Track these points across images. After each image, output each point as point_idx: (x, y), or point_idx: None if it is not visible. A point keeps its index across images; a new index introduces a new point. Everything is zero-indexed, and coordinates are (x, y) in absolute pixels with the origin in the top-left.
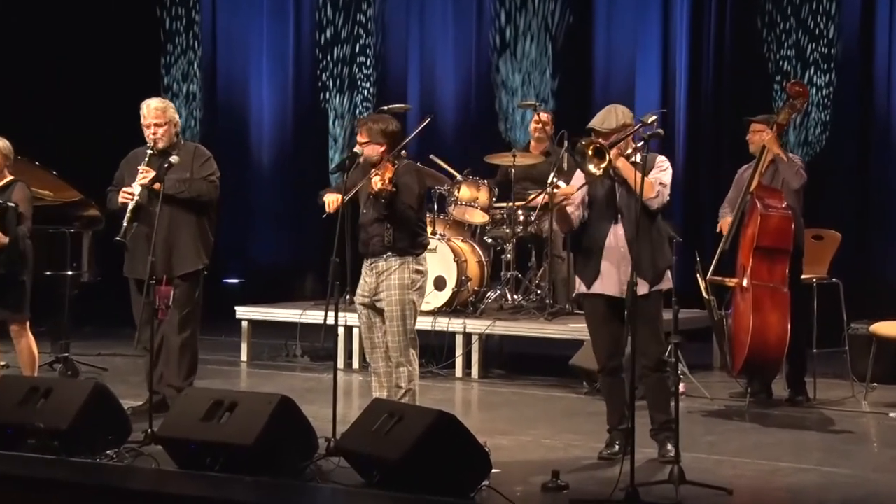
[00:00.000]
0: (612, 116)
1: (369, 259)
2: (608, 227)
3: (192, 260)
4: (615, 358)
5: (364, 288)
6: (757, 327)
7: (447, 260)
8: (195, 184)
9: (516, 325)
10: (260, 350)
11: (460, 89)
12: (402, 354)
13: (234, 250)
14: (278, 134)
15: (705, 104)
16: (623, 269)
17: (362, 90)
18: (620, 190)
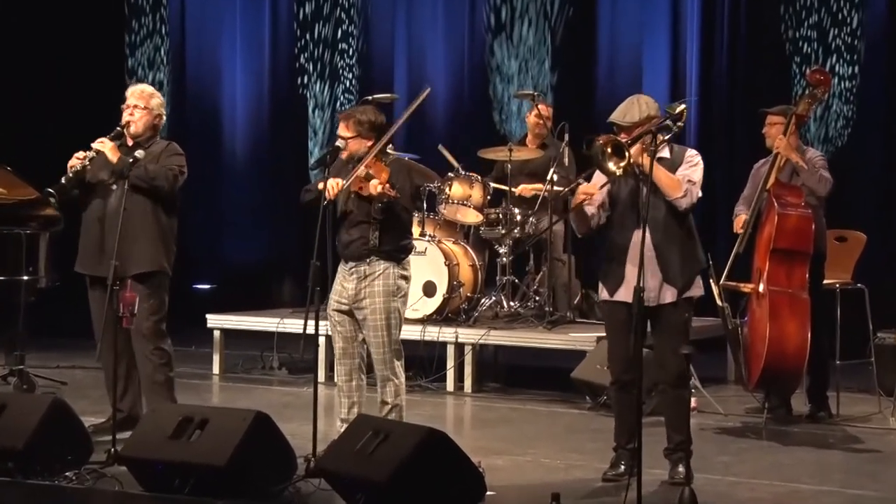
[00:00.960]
0: (634, 109)
1: (349, 262)
2: (632, 229)
3: (147, 259)
4: (631, 371)
5: (342, 294)
6: (774, 337)
7: (437, 263)
8: (150, 167)
9: (513, 335)
10: (233, 362)
11: (452, 76)
12: (388, 367)
13: (205, 252)
14: (253, 125)
15: (718, 95)
16: (649, 276)
17: (344, 80)
18: (646, 189)
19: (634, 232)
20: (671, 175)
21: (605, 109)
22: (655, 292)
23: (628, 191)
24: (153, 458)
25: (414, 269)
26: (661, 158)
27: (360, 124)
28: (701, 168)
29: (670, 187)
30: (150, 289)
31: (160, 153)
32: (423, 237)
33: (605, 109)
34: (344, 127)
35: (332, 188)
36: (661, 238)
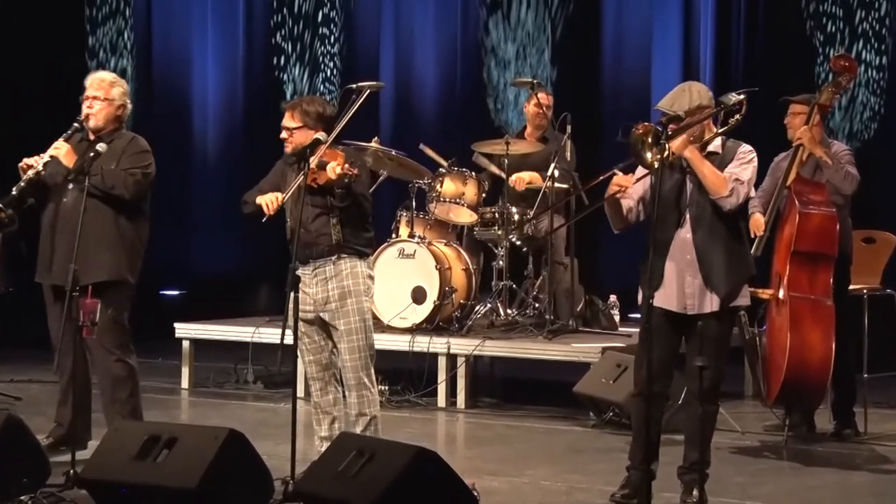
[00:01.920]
0: (684, 96)
1: (312, 263)
2: (674, 228)
3: (105, 268)
4: (659, 382)
5: (304, 301)
6: (796, 347)
7: (427, 267)
8: (111, 173)
9: (510, 346)
10: (204, 375)
11: (442, 55)
12: (364, 374)
13: (173, 256)
14: (226, 116)
15: (734, 83)
16: (688, 280)
17: (325, 68)
18: (691, 185)
19: (677, 231)
20: (717, 172)
21: (611, 100)
22: (695, 299)
23: (672, 185)
24: (116, 480)
25: (402, 274)
26: (709, 153)
27: (306, 114)
28: (753, 167)
29: (715, 185)
30: (110, 299)
31: (123, 150)
32: (412, 238)
33: (611, 100)
34: (289, 116)
35: (270, 205)
36: (704, 239)
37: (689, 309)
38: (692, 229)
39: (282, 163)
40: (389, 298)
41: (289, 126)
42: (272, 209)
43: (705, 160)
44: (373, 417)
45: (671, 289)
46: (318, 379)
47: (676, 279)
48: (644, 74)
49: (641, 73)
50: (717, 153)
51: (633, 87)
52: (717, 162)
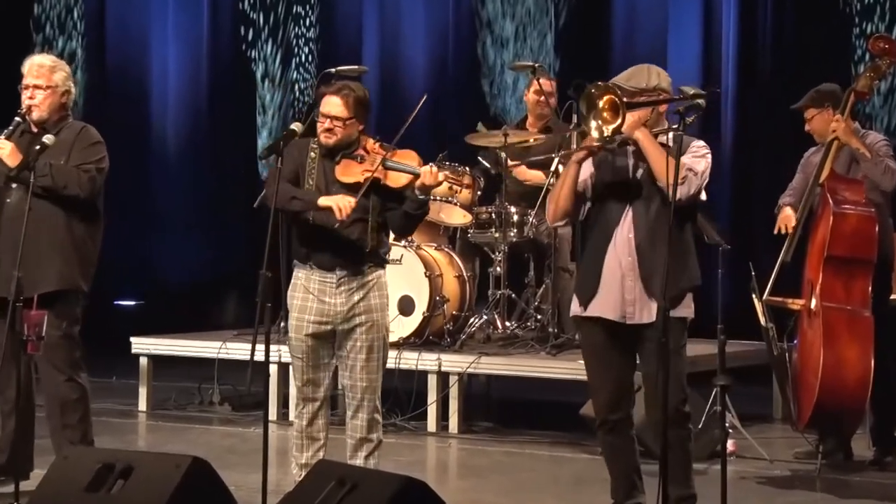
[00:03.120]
0: (643, 74)
1: (337, 272)
2: (615, 224)
3: (56, 276)
4: (620, 408)
5: (323, 313)
6: (830, 365)
7: (416, 274)
8: (62, 171)
9: (509, 362)
10: (164, 396)
11: (434, 39)
12: (377, 396)
13: (129, 261)
14: (188, 103)
15: (761, 69)
16: (628, 285)
17: (300, 53)
18: (638, 176)
19: (617, 228)
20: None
21: None
22: (635, 306)
23: (616, 171)
24: None
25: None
26: (661, 145)
27: (360, 104)
28: (707, 162)
29: (664, 171)
30: (60, 311)
31: (73, 142)
32: (398, 242)
33: None
34: (342, 104)
35: (346, 208)
36: (646, 237)
37: (628, 317)
38: (634, 225)
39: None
40: None
41: (340, 116)
42: (345, 214)
43: (656, 143)
44: (379, 442)
45: (609, 295)
46: (312, 400)
47: (614, 283)
48: (659, 60)
49: (656, 58)
50: (667, 146)
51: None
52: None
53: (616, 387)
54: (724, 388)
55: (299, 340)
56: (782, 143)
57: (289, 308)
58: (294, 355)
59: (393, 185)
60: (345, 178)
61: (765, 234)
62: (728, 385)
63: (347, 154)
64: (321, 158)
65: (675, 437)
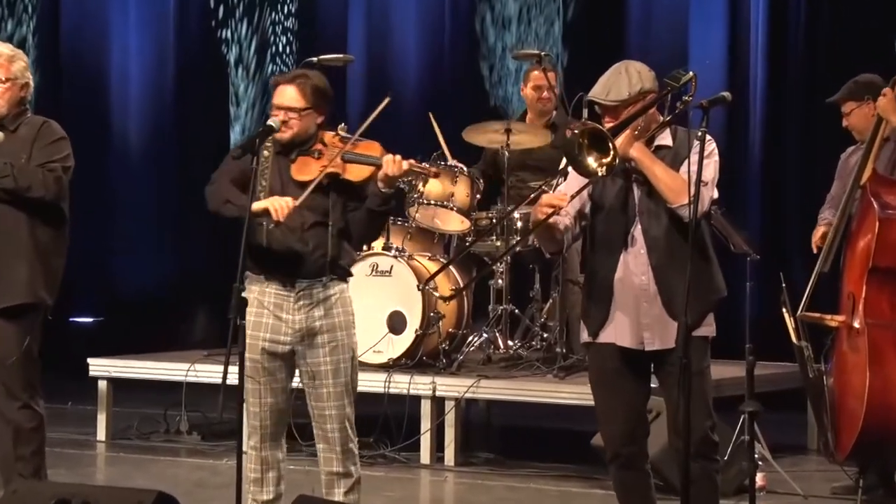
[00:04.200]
0: (622, 81)
1: (299, 283)
2: (619, 250)
3: (18, 288)
4: (634, 440)
5: (280, 330)
6: (876, 389)
7: (408, 288)
8: (25, 171)
9: (512, 386)
10: (126, 424)
11: (426, 23)
12: (349, 425)
13: (87, 274)
14: (153, 96)
15: (794, 58)
16: (644, 308)
17: (277, 42)
18: (639, 192)
19: (624, 251)
20: (673, 173)
21: None
22: (654, 331)
23: (616, 193)
24: None
25: (376, 296)
26: (658, 148)
27: (318, 93)
28: (716, 163)
29: (672, 190)
30: (19, 328)
31: (34, 138)
32: (388, 251)
33: None
34: (297, 94)
35: (281, 209)
36: (661, 258)
37: (646, 343)
38: (647, 247)
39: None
40: (360, 327)
41: (295, 107)
42: (283, 215)
43: (657, 160)
44: (358, 478)
45: (623, 320)
46: (275, 428)
47: (629, 309)
48: (680, 50)
49: (676, 49)
50: (667, 147)
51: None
52: (669, 158)
53: (629, 417)
54: (752, 416)
55: (254, 361)
56: (817, 141)
57: None
58: (248, 377)
59: (353, 180)
60: (301, 176)
61: (798, 242)
62: (757, 412)
63: (304, 150)
64: (275, 156)
65: (699, 469)
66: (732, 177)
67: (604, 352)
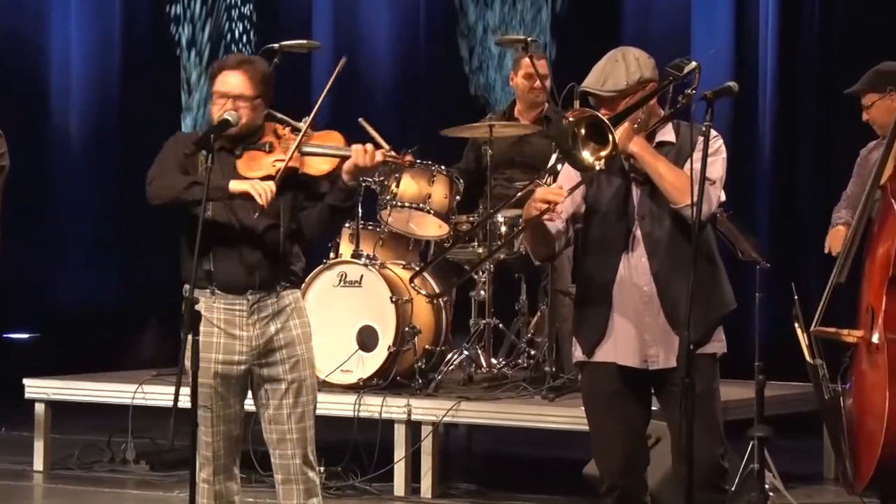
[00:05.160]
0: (619, 69)
1: (252, 294)
2: (619, 253)
3: None
4: (633, 470)
5: (234, 348)
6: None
7: (380, 300)
8: None
9: (495, 409)
10: (66, 451)
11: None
12: (311, 450)
13: (22, 286)
14: (96, 85)
15: (807, 45)
16: (648, 322)
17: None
18: (639, 192)
19: (623, 256)
20: (677, 170)
21: None
22: (659, 348)
23: (613, 193)
24: None
25: (344, 309)
26: (660, 144)
27: (265, 80)
28: (723, 158)
29: (676, 188)
30: None
31: None
32: (358, 259)
33: None
34: (244, 81)
35: (265, 192)
36: (664, 264)
37: (650, 362)
38: (647, 252)
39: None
40: (327, 343)
41: (244, 95)
42: (267, 199)
43: (659, 155)
44: None
45: (624, 337)
46: (225, 459)
47: (630, 322)
48: (682, 37)
49: (678, 36)
50: (670, 143)
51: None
52: (672, 155)
53: (629, 444)
54: (762, 441)
55: (206, 386)
56: (834, 136)
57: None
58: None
59: (313, 173)
60: (251, 172)
61: (812, 249)
62: (767, 437)
63: (251, 144)
64: (216, 151)
65: (706, 501)
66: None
67: (601, 372)
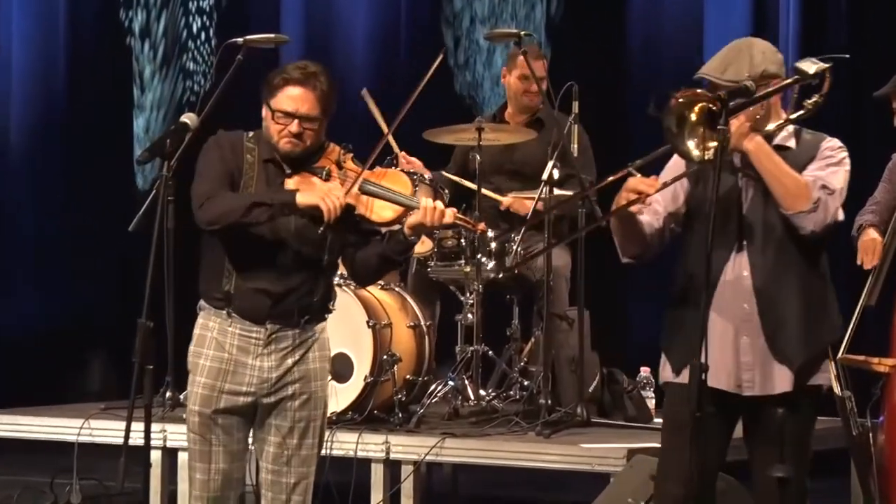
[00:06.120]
0: (742, 59)
1: (270, 325)
2: (723, 261)
3: None
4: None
5: (245, 380)
6: None
7: (355, 324)
8: None
9: (484, 447)
10: (4, 493)
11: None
12: (309, 496)
13: None
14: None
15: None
16: (745, 343)
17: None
18: (751, 194)
19: (727, 265)
20: (794, 174)
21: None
22: (756, 373)
23: (720, 192)
24: None
25: None
26: (779, 148)
27: (331, 94)
28: (846, 171)
29: (791, 193)
30: None
31: None
32: None
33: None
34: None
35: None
36: (769, 278)
37: (745, 387)
38: (751, 264)
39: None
40: None
41: (313, 116)
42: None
43: (776, 156)
44: None
45: (718, 356)
46: (224, 500)
47: (726, 341)
48: (692, 35)
49: (688, 33)
50: (788, 148)
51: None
52: (789, 161)
53: (700, 476)
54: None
55: (206, 417)
56: (863, 142)
57: (190, 369)
58: (196, 435)
59: (374, 219)
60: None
61: (839, 266)
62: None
63: (307, 166)
64: (261, 164)
65: None
66: None
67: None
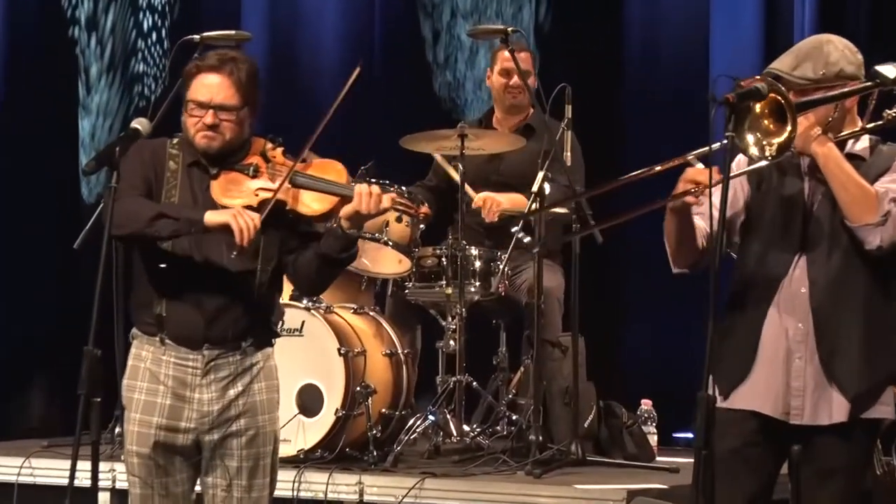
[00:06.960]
0: (817, 57)
1: (207, 350)
2: (782, 272)
3: None
4: None
5: (183, 414)
6: None
7: (325, 352)
8: None
9: (469, 488)
10: None
11: None
12: None
13: None
14: None
15: (852, 36)
16: (797, 366)
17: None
18: (819, 200)
19: (783, 281)
20: (863, 182)
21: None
22: (807, 399)
23: (783, 199)
24: None
25: (283, 362)
26: (851, 157)
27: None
28: None
29: (858, 203)
30: None
31: None
32: (298, 302)
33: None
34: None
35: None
36: (827, 295)
37: (793, 415)
38: (811, 278)
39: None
40: None
41: (230, 105)
42: (248, 237)
43: (845, 162)
44: None
45: (767, 379)
46: None
47: (777, 364)
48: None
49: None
50: (861, 158)
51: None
52: (861, 172)
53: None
54: None
55: (144, 457)
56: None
57: (125, 405)
58: (135, 478)
59: (304, 212)
60: (228, 198)
61: None
62: None
63: (232, 164)
64: (185, 169)
65: None
66: None
67: (734, 420)
